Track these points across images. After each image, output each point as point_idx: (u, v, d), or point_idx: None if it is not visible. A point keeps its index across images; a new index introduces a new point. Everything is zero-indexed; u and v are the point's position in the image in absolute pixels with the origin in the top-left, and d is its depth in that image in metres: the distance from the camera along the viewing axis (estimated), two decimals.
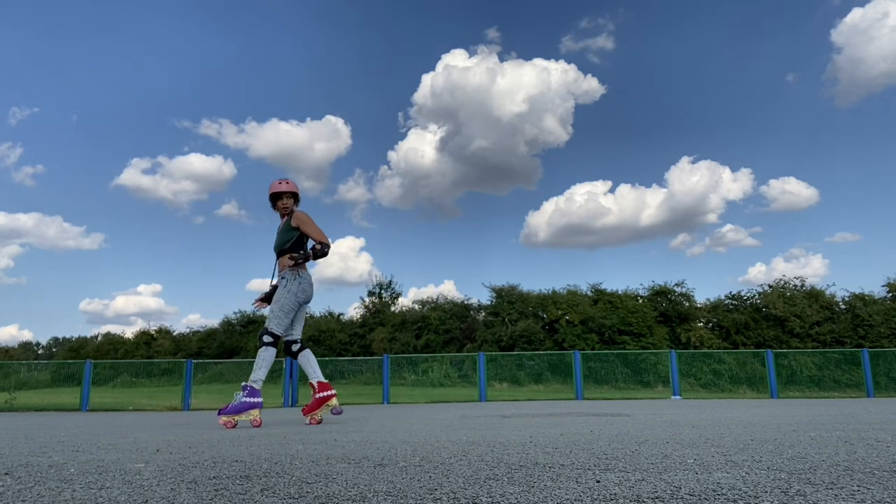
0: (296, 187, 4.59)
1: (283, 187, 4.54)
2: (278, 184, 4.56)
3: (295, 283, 4.29)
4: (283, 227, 4.52)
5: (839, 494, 1.20)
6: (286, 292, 4.27)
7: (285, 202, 4.54)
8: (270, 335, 4.22)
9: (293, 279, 4.30)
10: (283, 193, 4.53)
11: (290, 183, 4.60)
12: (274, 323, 4.24)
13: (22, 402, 12.17)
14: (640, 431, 2.82)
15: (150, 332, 36.54)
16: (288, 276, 4.31)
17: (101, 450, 2.44)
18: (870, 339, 22.04)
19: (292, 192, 4.55)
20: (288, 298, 4.27)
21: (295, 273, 4.32)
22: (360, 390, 15.34)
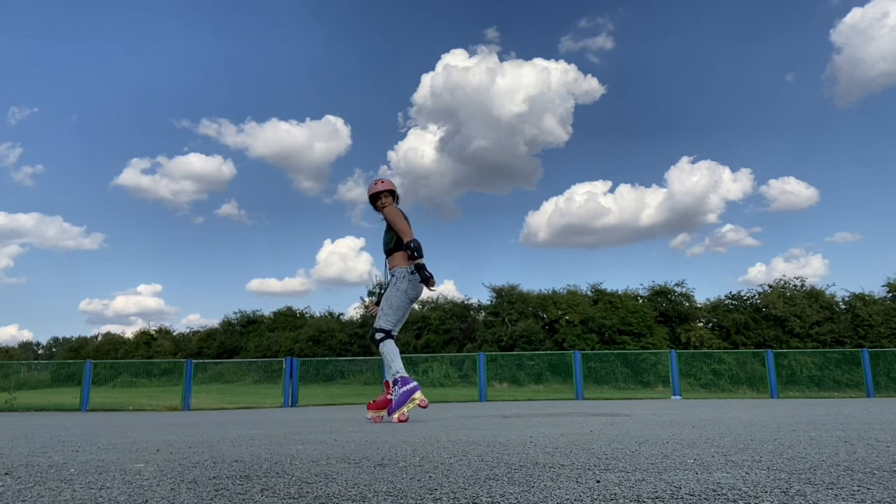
0: (391, 185, 4.58)
1: (378, 187, 4.55)
2: (374, 184, 4.58)
3: (405, 282, 4.28)
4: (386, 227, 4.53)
5: (839, 494, 1.20)
6: (396, 290, 4.28)
7: (383, 201, 4.55)
8: (380, 331, 4.25)
9: (402, 278, 4.29)
10: (380, 193, 4.54)
11: (385, 181, 4.59)
12: (384, 320, 4.27)
13: (22, 402, 12.17)
14: (640, 431, 2.82)
15: (150, 332, 36.56)
16: (398, 275, 4.30)
17: (101, 450, 2.44)
18: (870, 339, 22.04)
19: (389, 191, 4.55)
20: (398, 297, 4.28)
21: (405, 271, 4.30)
22: (360, 390, 15.34)
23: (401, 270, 4.30)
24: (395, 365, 4.18)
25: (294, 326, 31.25)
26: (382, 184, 4.56)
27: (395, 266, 4.37)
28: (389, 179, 4.62)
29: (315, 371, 15.70)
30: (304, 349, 27.97)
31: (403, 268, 4.31)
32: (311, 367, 15.24)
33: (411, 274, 4.28)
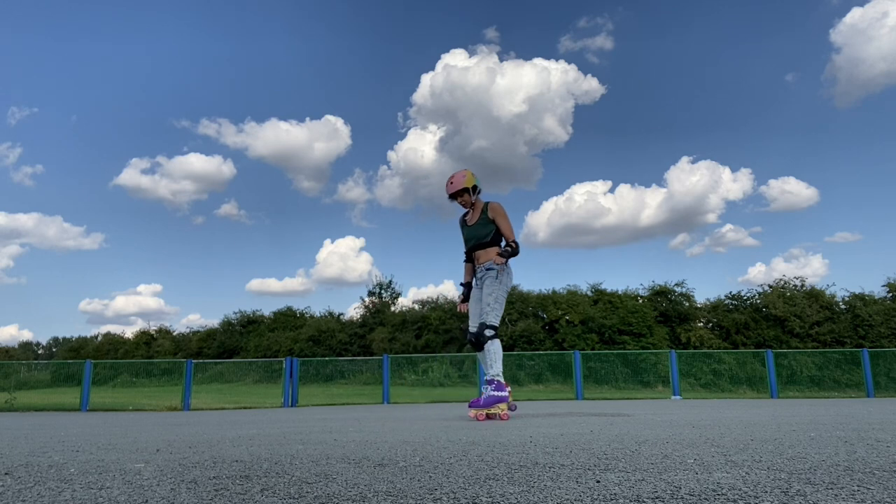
0: (464, 181, 4.56)
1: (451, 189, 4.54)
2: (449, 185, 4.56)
3: (505, 275, 4.30)
4: (477, 220, 4.50)
5: (839, 494, 1.20)
6: (498, 283, 4.27)
7: (461, 201, 4.55)
8: (491, 328, 4.23)
9: (503, 270, 4.30)
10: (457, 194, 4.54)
11: (456, 179, 4.57)
12: (492, 315, 4.24)
13: (22, 402, 12.17)
14: (640, 431, 2.82)
15: (150, 332, 36.56)
16: (497, 268, 4.30)
17: (101, 450, 2.44)
18: (870, 339, 22.04)
19: (464, 189, 4.54)
20: (501, 290, 4.27)
21: (503, 264, 4.32)
22: (360, 390, 15.34)
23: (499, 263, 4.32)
24: (497, 367, 4.20)
25: (294, 326, 31.25)
26: (452, 185, 4.54)
27: (490, 259, 4.37)
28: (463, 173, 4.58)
29: (315, 371, 15.70)
30: (304, 349, 27.97)
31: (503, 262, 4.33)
32: (311, 367, 15.24)
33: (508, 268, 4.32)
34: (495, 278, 4.27)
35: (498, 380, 4.16)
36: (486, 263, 4.37)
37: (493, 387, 4.14)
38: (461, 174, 4.55)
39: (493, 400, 4.13)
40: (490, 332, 4.21)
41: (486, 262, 4.39)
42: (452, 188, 4.52)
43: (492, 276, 4.29)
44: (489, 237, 4.41)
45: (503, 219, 4.40)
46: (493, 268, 4.31)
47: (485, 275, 4.36)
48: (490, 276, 4.31)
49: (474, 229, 4.50)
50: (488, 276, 4.32)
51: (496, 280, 4.27)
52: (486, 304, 4.27)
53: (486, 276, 4.34)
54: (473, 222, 4.53)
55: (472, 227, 4.53)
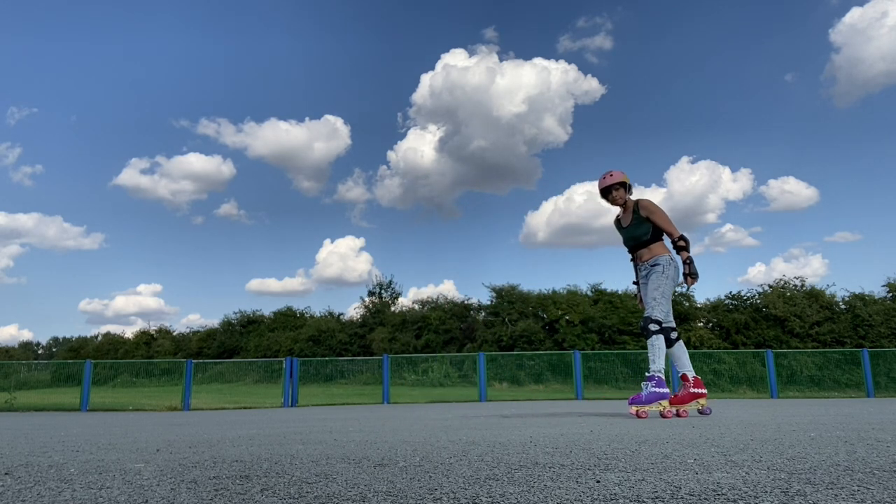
0: (622, 176, 4.54)
1: (609, 181, 4.53)
2: (602, 179, 4.56)
3: (671, 268, 4.30)
4: (631, 220, 4.50)
5: (839, 494, 1.20)
6: (665, 278, 4.27)
7: (614, 196, 4.54)
8: (656, 322, 4.21)
9: (669, 264, 4.30)
10: (612, 186, 4.52)
11: (615, 174, 4.55)
12: (657, 310, 4.22)
13: (22, 402, 12.18)
14: (640, 431, 2.82)
15: (150, 332, 36.56)
16: (663, 262, 4.31)
17: (101, 450, 2.44)
18: (870, 339, 22.04)
19: (620, 183, 4.52)
20: (668, 285, 4.26)
21: (668, 259, 4.32)
22: (360, 390, 15.34)
23: (665, 258, 4.33)
24: (659, 363, 4.19)
25: (294, 326, 31.25)
26: (612, 177, 4.52)
27: (653, 256, 4.37)
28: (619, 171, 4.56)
29: (315, 371, 15.70)
30: (304, 349, 27.97)
31: (665, 256, 4.34)
32: (311, 367, 15.24)
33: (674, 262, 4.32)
34: (661, 273, 4.28)
35: (659, 376, 4.16)
36: (651, 260, 4.38)
37: (654, 383, 4.14)
38: (619, 171, 4.55)
39: (654, 397, 4.13)
40: (654, 326, 4.21)
41: (649, 259, 4.40)
42: (611, 180, 4.51)
43: (658, 271, 4.31)
44: (647, 235, 4.41)
45: (658, 215, 4.39)
46: (658, 263, 4.32)
47: (650, 271, 4.37)
48: (656, 271, 4.32)
49: (630, 230, 4.50)
50: (654, 272, 4.33)
51: (662, 274, 4.28)
52: (651, 298, 4.28)
53: (652, 271, 4.35)
54: (628, 223, 4.53)
55: (627, 228, 4.53)
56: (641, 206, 4.45)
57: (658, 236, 4.42)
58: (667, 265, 4.29)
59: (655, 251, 4.39)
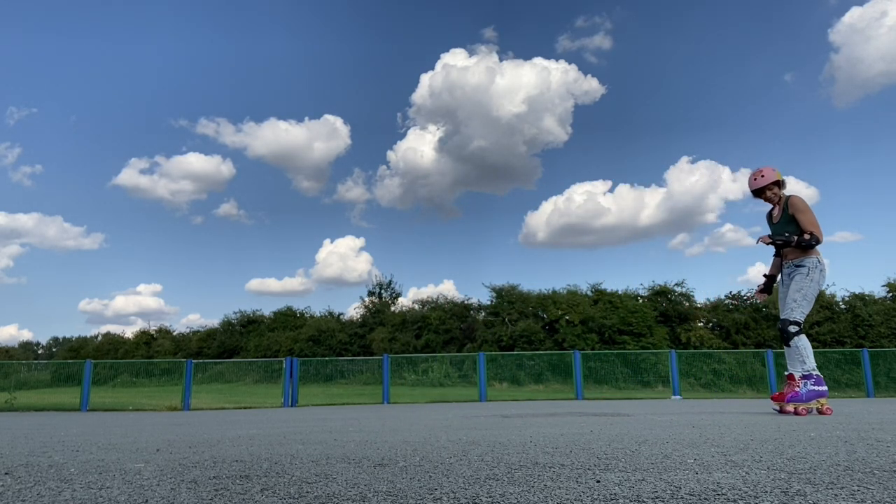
0: (773, 174, 4.52)
1: (760, 182, 4.53)
2: (754, 180, 4.57)
3: (817, 272, 4.28)
4: (780, 217, 4.48)
5: (839, 494, 1.20)
6: (809, 281, 4.26)
7: (769, 196, 4.55)
8: (795, 323, 4.24)
9: (815, 267, 4.28)
10: (765, 188, 4.53)
11: (766, 173, 4.54)
12: (798, 311, 4.24)
13: (22, 402, 12.17)
14: (640, 431, 2.82)
15: (150, 332, 36.54)
16: (809, 265, 4.28)
17: (101, 450, 2.44)
18: (870, 339, 22.03)
19: (774, 182, 4.52)
20: (811, 287, 4.25)
21: (815, 261, 4.29)
22: (360, 390, 15.34)
23: (812, 261, 4.29)
24: (811, 361, 4.25)
25: (294, 326, 31.24)
26: (763, 178, 4.52)
27: (799, 256, 4.34)
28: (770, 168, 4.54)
29: (315, 371, 15.70)
30: (304, 349, 27.96)
31: (813, 258, 4.30)
32: (311, 367, 15.24)
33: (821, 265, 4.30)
34: (807, 275, 4.26)
35: (816, 374, 4.23)
36: (797, 260, 4.35)
37: (813, 381, 4.22)
38: (769, 168, 4.54)
39: (814, 394, 4.21)
40: (794, 328, 4.24)
41: (794, 258, 4.37)
42: (763, 181, 4.51)
43: (802, 272, 4.29)
44: (795, 234, 4.37)
45: (803, 213, 4.35)
46: (804, 265, 4.29)
47: (794, 271, 4.35)
48: (800, 272, 4.30)
49: (778, 227, 4.48)
50: (798, 273, 4.31)
51: (806, 277, 4.26)
52: (791, 299, 4.27)
53: (796, 272, 4.32)
54: (778, 220, 4.51)
55: (777, 224, 4.52)
56: (791, 204, 4.43)
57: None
58: (813, 268, 4.26)
59: (804, 251, 4.33)
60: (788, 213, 4.41)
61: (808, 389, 4.21)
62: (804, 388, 4.21)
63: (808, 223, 4.33)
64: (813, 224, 4.33)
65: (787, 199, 4.47)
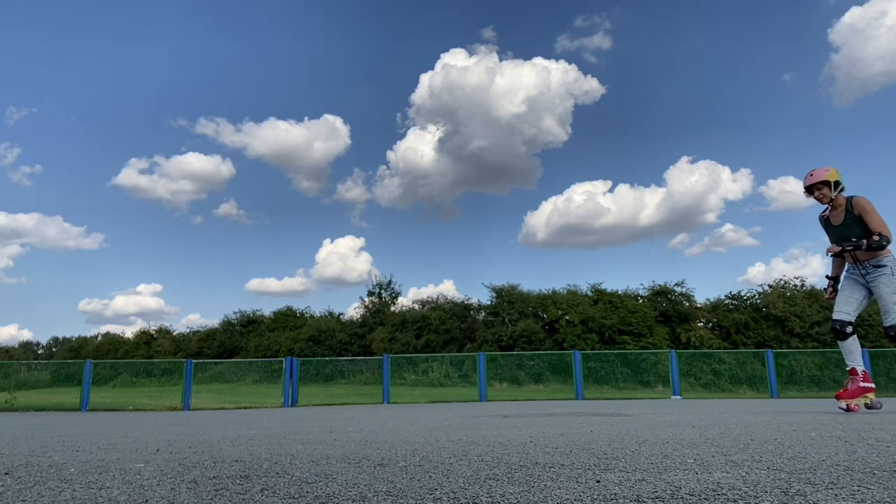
0: (825, 174, 4.39)
1: (809, 181, 4.47)
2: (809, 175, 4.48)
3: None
4: (843, 219, 4.39)
5: (839, 494, 1.20)
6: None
7: (818, 195, 4.45)
8: None
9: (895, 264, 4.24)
10: (814, 186, 4.44)
11: (816, 172, 4.45)
12: None
13: (22, 402, 12.17)
14: (640, 431, 2.82)
15: (150, 332, 36.55)
16: (890, 263, 4.23)
17: (101, 450, 2.44)
18: (870, 339, 22.03)
19: (823, 182, 4.40)
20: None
21: (893, 258, 4.26)
22: (360, 390, 15.34)
23: (890, 259, 4.25)
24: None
25: (294, 326, 31.24)
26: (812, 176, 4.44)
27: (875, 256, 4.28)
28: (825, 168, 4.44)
29: (315, 371, 15.70)
30: (304, 349, 27.96)
31: (890, 256, 4.26)
32: (311, 367, 15.24)
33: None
34: (892, 274, 4.22)
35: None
36: (874, 260, 4.28)
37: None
38: (824, 168, 4.46)
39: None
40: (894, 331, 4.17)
41: (869, 259, 4.31)
42: (810, 180, 4.44)
43: (886, 272, 4.23)
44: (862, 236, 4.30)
45: (870, 214, 4.27)
46: (884, 264, 4.24)
47: (873, 272, 4.29)
48: (885, 273, 4.24)
49: (843, 229, 4.39)
50: (882, 274, 4.25)
51: (892, 276, 4.21)
52: (892, 302, 4.20)
53: (879, 273, 4.26)
54: (839, 222, 4.42)
55: (839, 227, 4.43)
56: (854, 204, 4.33)
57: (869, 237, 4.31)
58: (893, 265, 4.22)
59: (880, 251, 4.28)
60: (854, 214, 4.33)
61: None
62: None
63: (876, 224, 4.26)
64: (881, 224, 4.27)
65: (851, 200, 4.36)
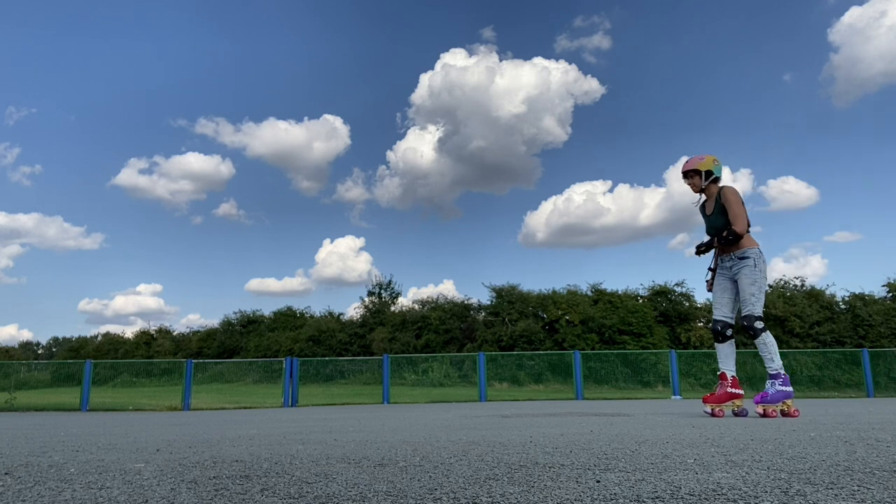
0: (698, 162, 4.39)
1: (685, 167, 4.46)
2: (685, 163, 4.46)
3: (761, 261, 4.19)
4: (713, 208, 4.39)
5: (839, 494, 1.20)
6: (758, 272, 4.15)
7: (688, 182, 4.45)
8: (760, 319, 4.11)
9: (759, 256, 4.20)
10: (687, 172, 4.45)
11: (692, 159, 4.44)
12: (758, 306, 4.12)
13: (22, 402, 12.17)
14: (640, 431, 2.82)
15: (150, 332, 36.54)
16: (753, 255, 4.18)
17: (101, 450, 2.44)
18: (870, 339, 22.03)
19: (695, 170, 4.41)
20: (761, 278, 4.16)
21: (757, 251, 4.21)
22: (360, 390, 15.34)
23: (754, 251, 4.20)
24: (778, 360, 4.12)
25: (294, 326, 31.23)
26: (688, 163, 4.43)
27: (741, 248, 4.24)
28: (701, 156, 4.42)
29: (315, 371, 15.70)
30: (304, 349, 27.96)
31: (755, 248, 4.21)
32: (311, 367, 15.24)
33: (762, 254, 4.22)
34: (753, 266, 4.16)
35: (783, 374, 4.11)
36: (738, 252, 4.24)
37: (780, 381, 4.08)
38: (699, 157, 4.44)
39: (781, 395, 4.07)
40: (760, 323, 4.09)
41: (735, 251, 4.26)
42: (685, 167, 4.45)
43: (749, 264, 4.18)
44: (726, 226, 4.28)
45: (730, 206, 4.26)
46: (748, 256, 4.20)
47: (737, 264, 4.24)
48: (747, 264, 4.18)
49: (712, 219, 4.40)
50: (744, 266, 4.20)
51: (754, 268, 4.15)
52: (749, 293, 4.14)
53: (742, 265, 4.21)
54: (711, 212, 4.43)
55: (710, 216, 4.44)
56: (722, 195, 4.34)
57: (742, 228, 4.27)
58: (757, 258, 4.18)
59: (743, 243, 4.25)
60: (720, 204, 4.34)
61: (777, 390, 4.07)
62: (772, 389, 4.08)
63: (731, 216, 4.24)
64: (735, 217, 4.23)
65: (720, 191, 4.37)
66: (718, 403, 4.23)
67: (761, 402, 4.07)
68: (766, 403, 4.05)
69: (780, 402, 4.06)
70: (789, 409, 4.07)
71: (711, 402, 4.25)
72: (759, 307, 4.12)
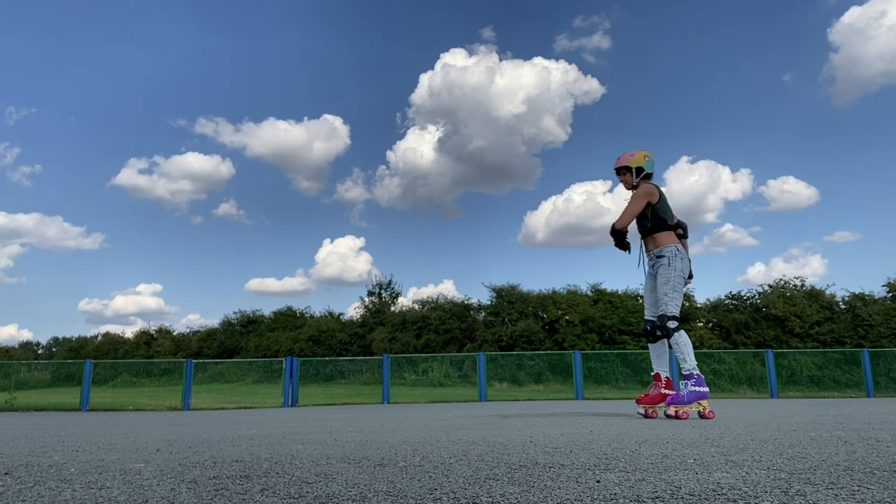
0: (629, 159, 4.33)
1: (617, 163, 4.38)
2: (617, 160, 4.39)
3: (677, 259, 4.11)
4: None
5: (839, 494, 1.20)
6: (672, 270, 4.08)
7: (620, 179, 4.38)
8: (673, 318, 4.03)
9: (675, 255, 4.12)
10: (619, 169, 4.38)
11: (623, 156, 4.37)
12: (671, 305, 4.04)
13: (22, 402, 12.17)
14: (640, 431, 2.82)
15: (150, 332, 36.55)
16: (668, 254, 4.12)
17: (101, 450, 2.44)
18: (870, 339, 22.02)
19: (625, 167, 4.34)
20: (676, 277, 4.08)
21: (674, 250, 4.14)
22: (360, 390, 15.34)
23: (670, 249, 4.13)
24: (691, 360, 4.01)
25: (294, 326, 31.24)
26: (620, 159, 4.36)
27: (658, 246, 4.17)
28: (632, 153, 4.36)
29: (315, 371, 15.70)
30: (304, 349, 27.96)
31: (671, 246, 4.14)
32: (311, 367, 15.24)
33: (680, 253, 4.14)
34: (668, 265, 4.09)
35: (697, 374, 4.00)
36: (656, 251, 4.18)
37: (693, 382, 3.97)
38: (630, 153, 4.36)
39: (695, 396, 3.95)
40: (673, 323, 4.01)
41: (654, 249, 4.20)
42: (616, 164, 4.39)
43: (664, 263, 4.11)
44: (648, 223, 4.21)
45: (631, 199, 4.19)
46: (663, 255, 4.13)
47: (656, 262, 4.18)
48: (662, 263, 4.12)
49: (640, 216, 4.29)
50: (660, 265, 4.13)
51: (669, 267, 4.08)
52: (662, 293, 4.07)
53: (658, 263, 4.15)
54: None
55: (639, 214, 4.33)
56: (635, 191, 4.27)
57: (661, 225, 4.20)
58: (672, 256, 4.10)
59: (660, 241, 4.17)
60: None
61: (690, 391, 3.95)
62: (686, 390, 3.96)
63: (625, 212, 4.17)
64: (625, 212, 4.16)
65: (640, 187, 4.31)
66: (652, 405, 4.15)
67: (673, 404, 3.94)
68: (679, 405, 3.92)
69: (694, 402, 3.95)
70: (704, 410, 3.94)
71: (645, 403, 4.18)
72: (673, 306, 4.04)
